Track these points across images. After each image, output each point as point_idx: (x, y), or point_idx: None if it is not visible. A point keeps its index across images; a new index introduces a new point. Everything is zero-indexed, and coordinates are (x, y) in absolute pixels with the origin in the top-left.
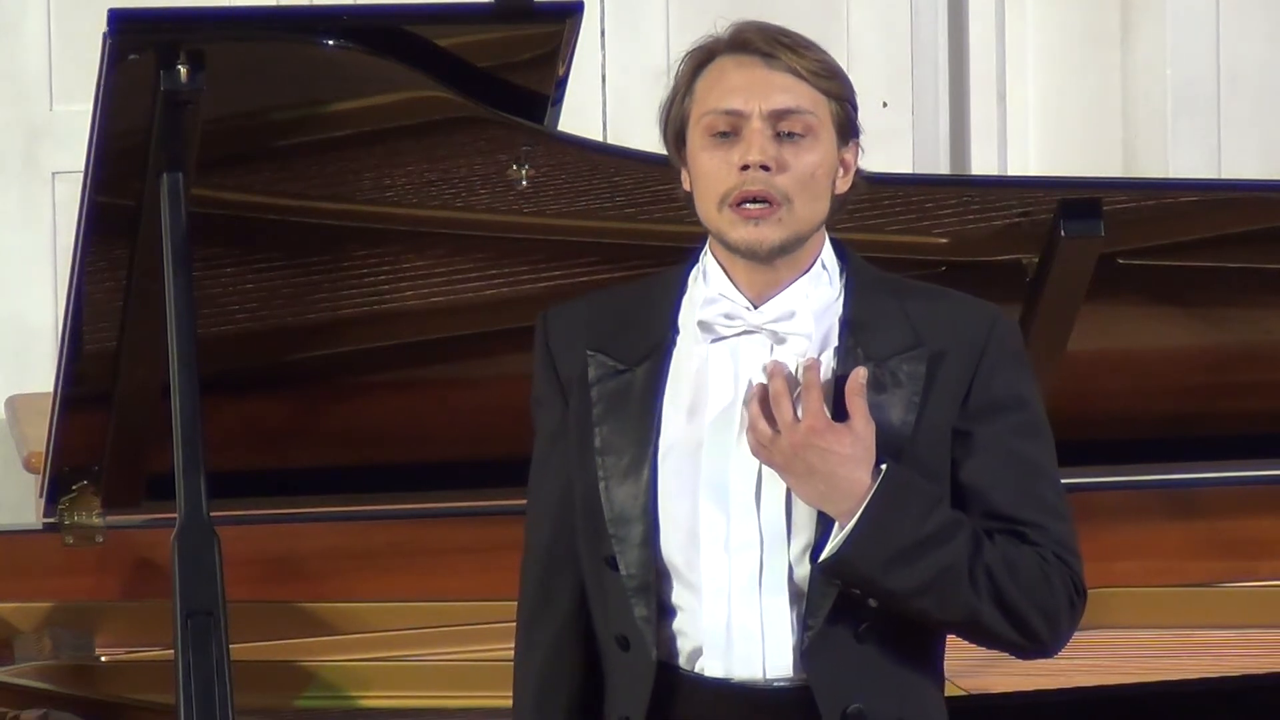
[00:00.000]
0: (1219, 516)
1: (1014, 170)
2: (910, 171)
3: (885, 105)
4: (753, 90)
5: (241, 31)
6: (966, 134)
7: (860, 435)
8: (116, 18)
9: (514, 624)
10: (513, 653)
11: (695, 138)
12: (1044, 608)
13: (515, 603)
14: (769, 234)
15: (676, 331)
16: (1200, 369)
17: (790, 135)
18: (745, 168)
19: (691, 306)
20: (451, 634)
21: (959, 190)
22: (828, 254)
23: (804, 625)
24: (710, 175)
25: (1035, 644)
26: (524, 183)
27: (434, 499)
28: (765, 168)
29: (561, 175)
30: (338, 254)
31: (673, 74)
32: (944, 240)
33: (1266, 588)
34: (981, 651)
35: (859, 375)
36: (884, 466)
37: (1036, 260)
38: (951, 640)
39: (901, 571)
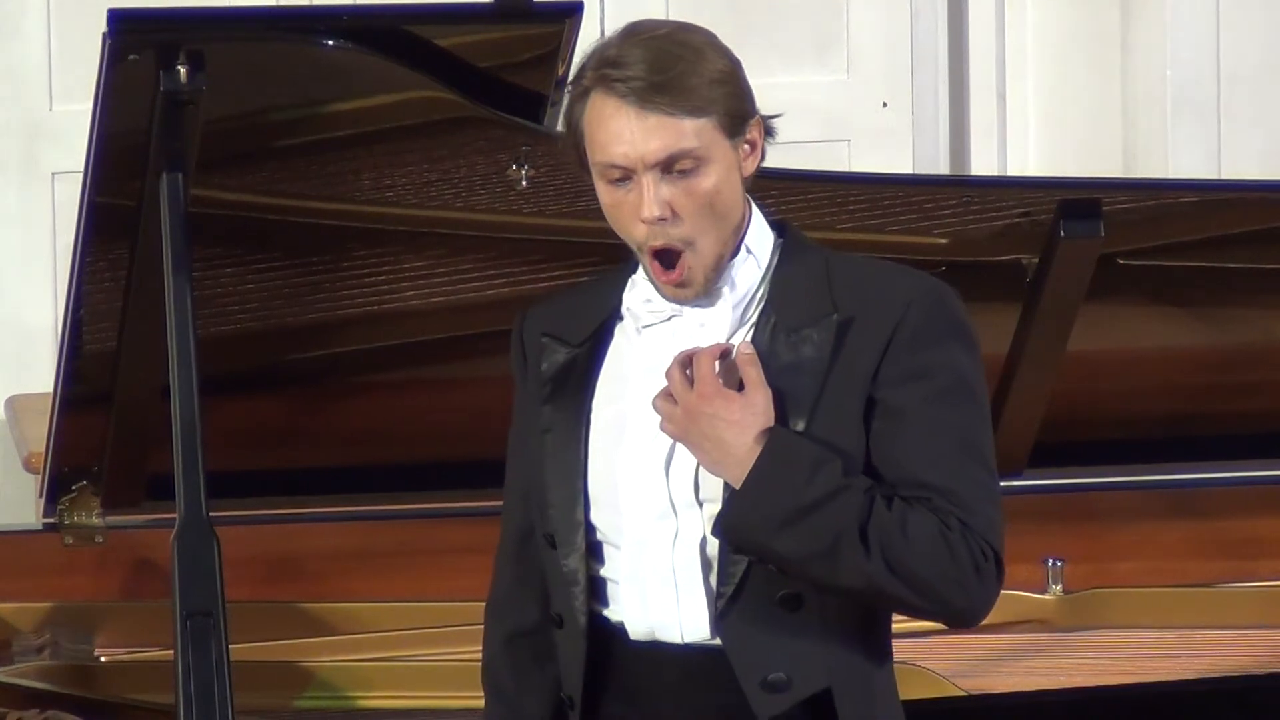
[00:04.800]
0: (1219, 516)
1: (1014, 170)
2: (910, 171)
3: (885, 105)
4: (632, 143)
5: (241, 32)
6: (966, 134)
7: (752, 402)
8: (116, 18)
9: None
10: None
11: (594, 176)
12: (946, 574)
13: None
14: (689, 290)
15: (621, 316)
16: (1200, 369)
17: (682, 171)
18: (645, 220)
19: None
20: (451, 634)
21: (959, 190)
22: (755, 235)
23: (717, 593)
24: (617, 221)
25: (943, 610)
26: (524, 183)
27: (434, 499)
28: (663, 219)
29: (561, 175)
30: (338, 254)
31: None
32: (944, 240)
33: (1266, 588)
34: (981, 651)
35: (745, 346)
36: (770, 432)
37: (1036, 260)
38: (951, 640)
39: (788, 535)
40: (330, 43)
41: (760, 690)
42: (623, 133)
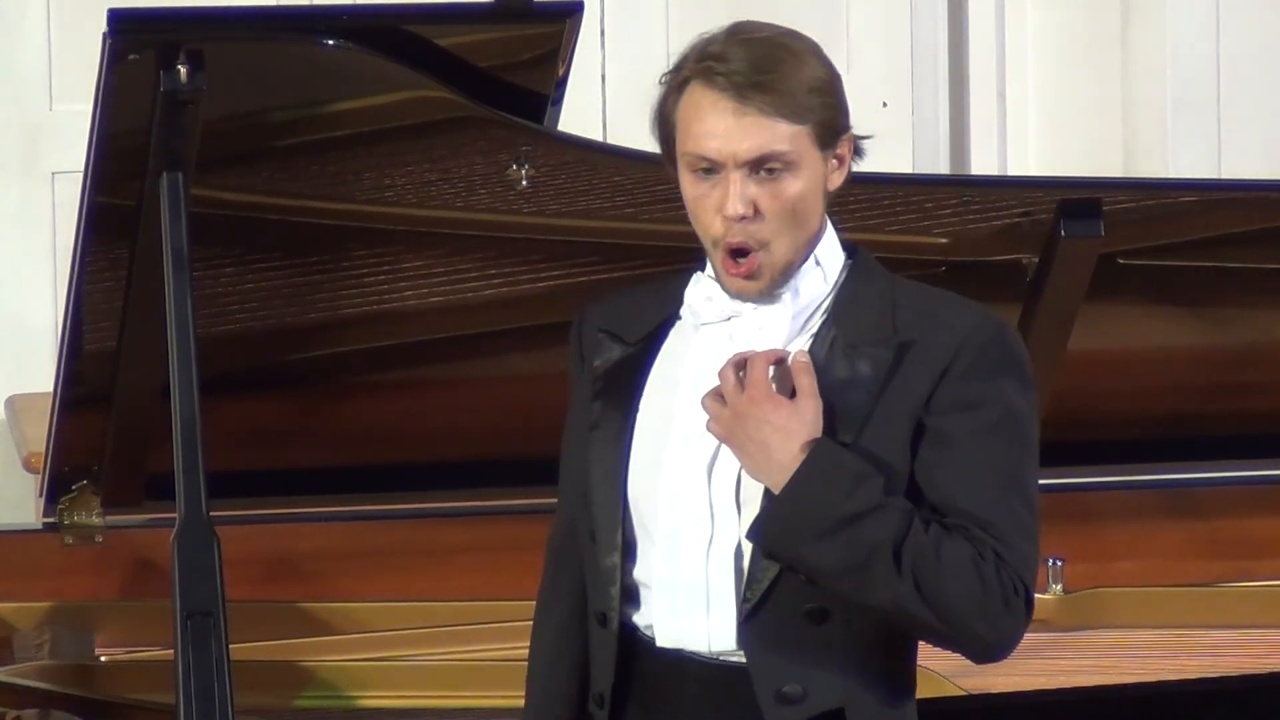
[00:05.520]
0: (1219, 516)
1: (1014, 170)
2: (910, 171)
3: (885, 105)
4: (726, 138)
5: (241, 31)
6: (966, 134)
7: (800, 410)
8: (116, 18)
9: (513, 624)
10: (512, 652)
11: (681, 166)
12: (974, 604)
13: (515, 603)
14: (755, 285)
15: (679, 316)
16: (1200, 369)
17: (770, 171)
18: (727, 216)
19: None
20: (451, 634)
21: (959, 190)
22: (826, 250)
23: (744, 598)
24: (697, 214)
25: (969, 640)
26: (524, 183)
27: (434, 499)
28: (745, 216)
29: (561, 175)
30: (338, 254)
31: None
32: (944, 240)
33: (1266, 588)
34: None
35: (801, 355)
36: (815, 442)
37: (1036, 260)
38: None
39: (823, 545)
40: (330, 43)
41: (774, 701)
42: (717, 126)
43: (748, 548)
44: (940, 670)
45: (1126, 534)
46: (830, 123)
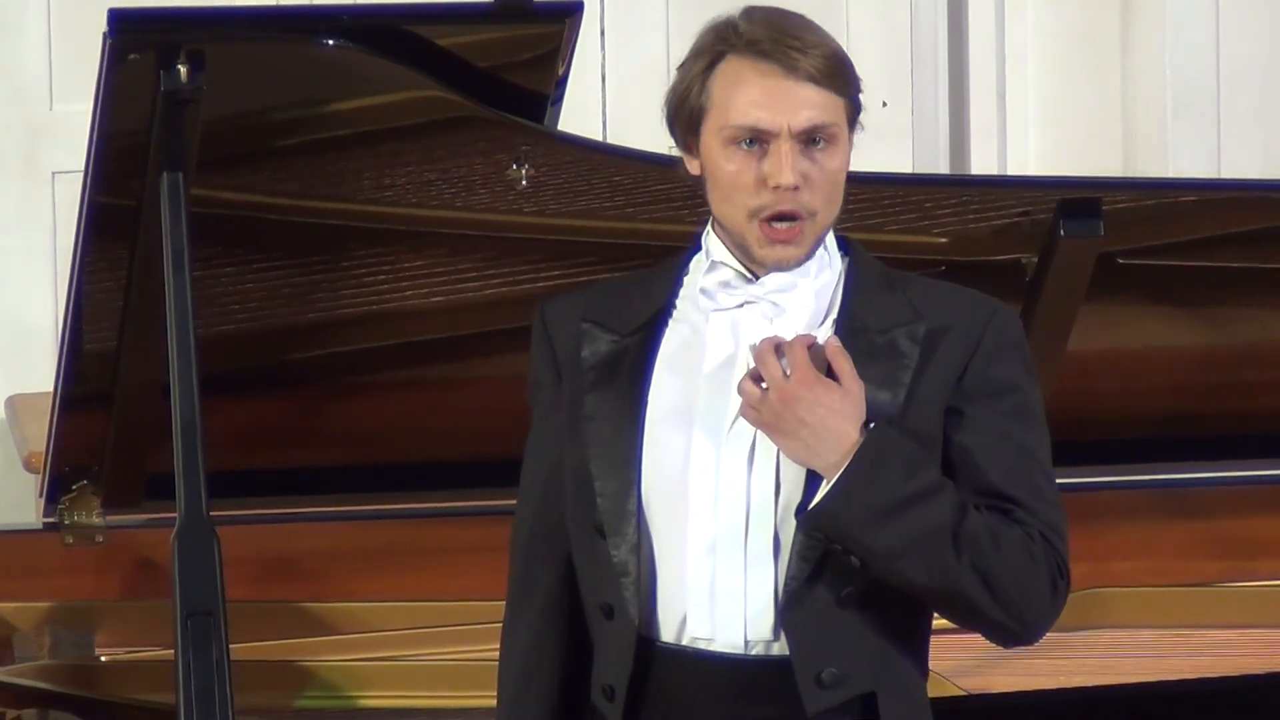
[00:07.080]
0: (1219, 516)
1: (1014, 170)
2: (910, 171)
3: (885, 105)
4: (778, 107)
5: (241, 32)
6: (966, 134)
7: (849, 391)
8: (116, 18)
9: None
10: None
11: (714, 144)
12: (1026, 583)
13: None
14: (795, 252)
15: (675, 307)
16: (1200, 369)
17: (817, 142)
18: (777, 187)
19: (692, 284)
20: (451, 634)
21: (959, 190)
22: (831, 242)
23: (785, 584)
24: (735, 188)
25: (1016, 622)
26: (524, 183)
27: (434, 499)
28: (796, 187)
29: (561, 175)
30: (338, 254)
31: (677, 65)
32: (944, 240)
33: (1266, 588)
34: (981, 651)
35: (833, 340)
36: (872, 424)
37: (1036, 260)
38: (952, 639)
39: (884, 528)
40: (330, 43)
41: (814, 685)
42: (768, 97)
43: (787, 534)
44: (940, 670)
45: (1126, 534)
46: (857, 101)
